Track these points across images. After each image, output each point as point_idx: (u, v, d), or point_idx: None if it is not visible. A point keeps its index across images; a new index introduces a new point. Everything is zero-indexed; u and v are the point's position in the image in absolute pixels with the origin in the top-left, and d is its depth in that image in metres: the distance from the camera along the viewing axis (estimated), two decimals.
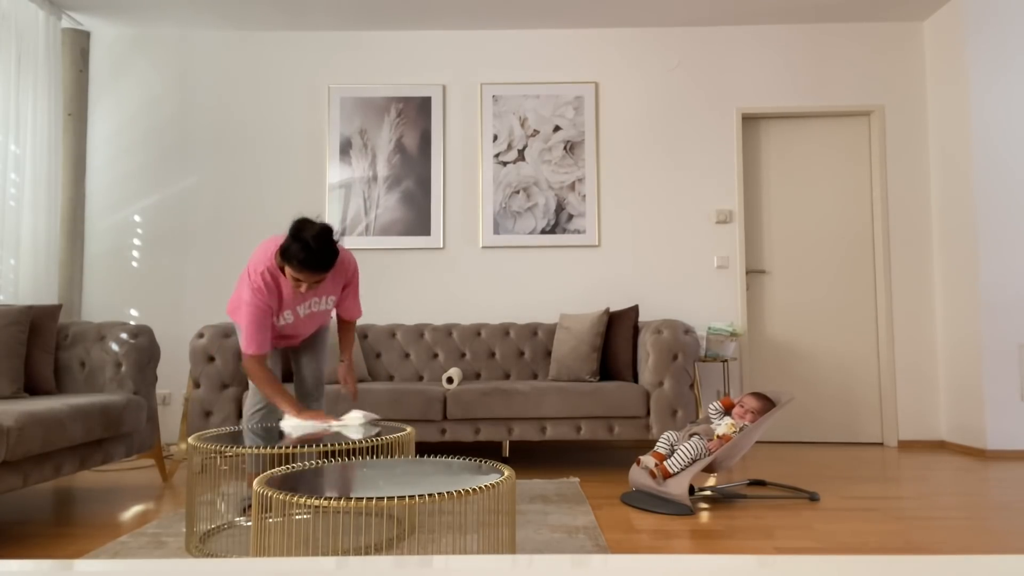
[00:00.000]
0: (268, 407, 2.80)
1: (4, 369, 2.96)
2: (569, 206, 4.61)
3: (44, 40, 4.22)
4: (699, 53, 4.69)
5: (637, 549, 2.30)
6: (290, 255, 2.48)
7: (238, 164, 4.65)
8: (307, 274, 2.52)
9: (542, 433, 3.57)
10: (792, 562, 0.63)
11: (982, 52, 4.19)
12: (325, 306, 2.80)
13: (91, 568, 0.63)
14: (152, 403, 3.35)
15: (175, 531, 2.55)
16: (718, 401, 3.16)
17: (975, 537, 2.43)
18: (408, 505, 1.51)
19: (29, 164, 4.11)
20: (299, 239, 2.48)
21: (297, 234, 2.48)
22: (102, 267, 4.59)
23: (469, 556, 0.65)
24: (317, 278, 2.55)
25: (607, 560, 0.65)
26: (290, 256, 2.48)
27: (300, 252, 2.47)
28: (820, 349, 4.64)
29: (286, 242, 2.50)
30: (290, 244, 2.49)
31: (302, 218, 2.54)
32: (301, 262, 2.48)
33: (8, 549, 2.37)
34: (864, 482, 3.37)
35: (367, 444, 2.20)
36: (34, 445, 2.46)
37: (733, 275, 4.58)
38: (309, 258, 2.48)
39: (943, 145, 4.47)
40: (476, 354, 4.23)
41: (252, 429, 2.52)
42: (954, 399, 4.37)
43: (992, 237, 4.13)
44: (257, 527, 1.68)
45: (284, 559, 0.65)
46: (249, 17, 4.51)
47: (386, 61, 4.70)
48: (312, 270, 2.51)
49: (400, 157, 4.63)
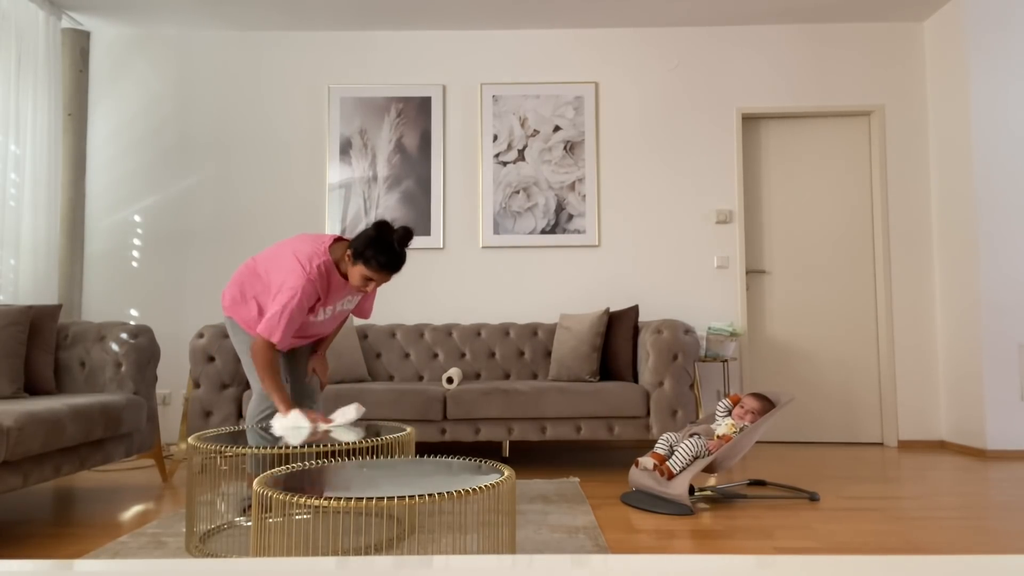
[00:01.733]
0: (274, 411, 2.77)
1: (4, 369, 2.96)
2: (569, 206, 4.61)
3: (44, 40, 4.22)
4: (699, 53, 4.70)
5: (637, 549, 2.30)
6: (370, 256, 2.54)
7: (238, 164, 4.65)
8: (385, 275, 2.59)
9: (542, 433, 3.57)
10: (792, 562, 0.63)
11: (982, 52, 4.19)
12: (351, 305, 2.83)
13: (91, 568, 0.63)
14: (152, 403, 3.35)
15: (175, 531, 2.54)
16: (727, 399, 3.15)
17: (975, 537, 2.43)
18: (408, 505, 1.51)
19: (29, 164, 4.11)
20: (384, 242, 2.55)
21: (381, 237, 2.55)
22: (102, 267, 4.59)
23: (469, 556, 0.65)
24: (388, 279, 2.63)
25: (607, 560, 0.65)
26: (370, 257, 2.54)
27: (382, 255, 2.54)
28: (820, 349, 4.64)
29: (364, 243, 2.55)
30: (371, 246, 2.54)
31: (383, 221, 2.60)
32: (383, 264, 2.56)
33: (8, 549, 2.37)
34: (864, 482, 3.37)
35: (367, 444, 2.20)
36: (34, 445, 2.46)
37: (733, 275, 4.58)
38: (392, 260, 2.56)
39: (943, 145, 4.47)
40: (476, 354, 4.23)
41: (255, 430, 2.52)
42: (954, 399, 4.37)
43: (992, 237, 4.13)
44: (257, 527, 1.68)
45: (284, 559, 0.65)
46: (249, 17, 4.51)
47: (386, 61, 4.70)
48: (392, 271, 2.59)
49: (400, 157, 4.63)
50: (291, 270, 2.58)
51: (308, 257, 2.59)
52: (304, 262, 2.58)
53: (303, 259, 2.59)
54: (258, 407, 2.78)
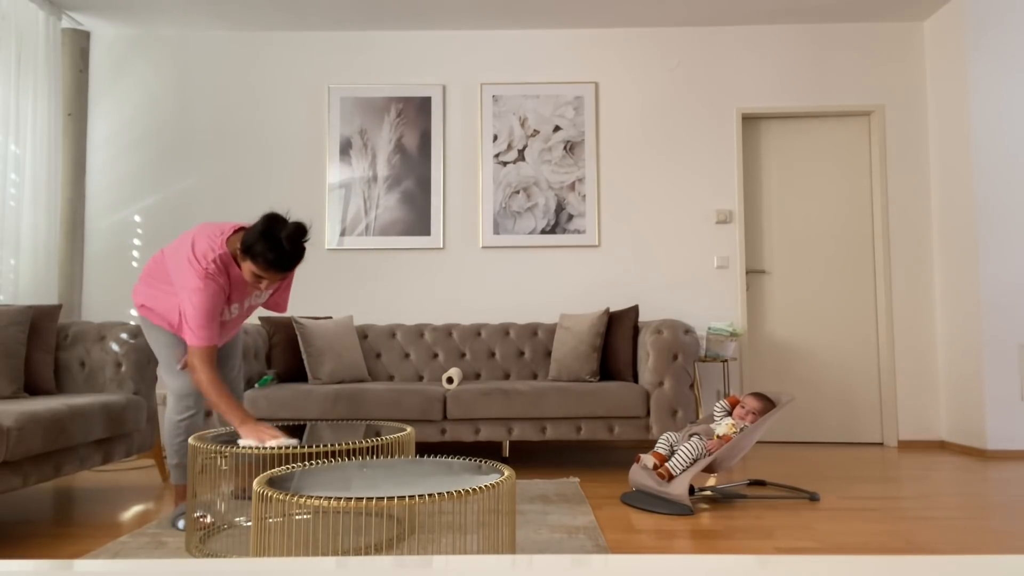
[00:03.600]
0: (197, 413, 2.60)
1: (4, 369, 2.96)
2: (569, 206, 4.61)
3: (44, 40, 4.22)
4: (699, 53, 4.69)
5: (637, 549, 2.30)
6: (257, 252, 2.36)
7: (238, 164, 4.65)
8: (273, 273, 2.41)
9: (542, 433, 3.57)
10: (792, 562, 0.63)
11: (982, 52, 4.19)
12: (262, 299, 2.68)
13: (91, 568, 0.63)
14: (152, 403, 3.35)
15: (175, 531, 2.54)
16: (725, 400, 3.15)
17: (975, 537, 2.43)
18: (408, 505, 1.51)
19: (29, 164, 4.11)
20: (271, 237, 2.36)
21: (269, 232, 2.37)
22: (102, 267, 4.59)
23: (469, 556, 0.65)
24: (282, 277, 2.46)
25: (607, 560, 0.65)
26: (257, 253, 2.36)
27: (271, 252, 2.36)
28: (820, 349, 4.64)
29: (253, 237, 2.37)
30: (259, 241, 2.36)
31: (273, 214, 2.42)
32: (270, 262, 2.37)
33: (8, 549, 2.37)
34: (864, 482, 3.37)
35: (367, 444, 2.20)
36: (34, 445, 2.46)
37: (733, 275, 4.58)
38: (279, 258, 2.37)
39: (943, 145, 4.47)
40: (476, 354, 4.23)
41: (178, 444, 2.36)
42: (954, 399, 4.37)
43: (992, 237, 4.13)
44: (257, 527, 1.68)
45: (284, 559, 0.65)
46: (249, 17, 4.51)
47: (386, 61, 4.70)
48: (281, 270, 2.41)
49: (400, 157, 4.63)
50: (187, 268, 2.43)
51: (203, 253, 2.43)
52: (199, 258, 2.42)
53: (199, 255, 2.43)
54: (177, 409, 2.59)
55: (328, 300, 4.58)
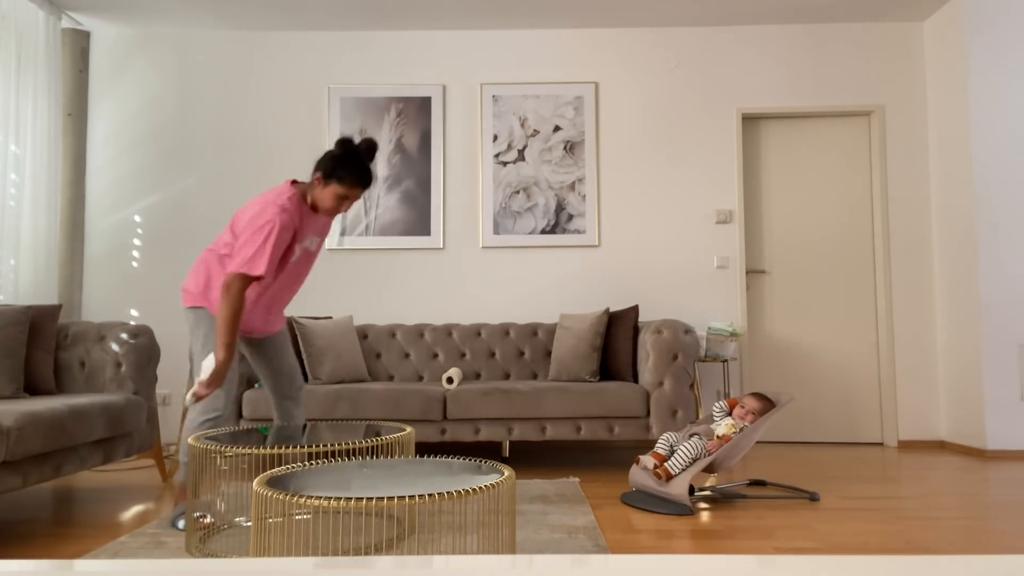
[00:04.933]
0: (221, 416, 2.61)
1: (4, 369, 2.96)
2: (569, 206, 4.61)
3: (44, 40, 4.22)
4: (699, 53, 4.69)
5: (637, 549, 2.30)
6: (344, 173, 2.50)
7: (238, 164, 4.65)
8: (359, 190, 2.55)
9: (542, 433, 3.57)
10: (792, 562, 0.63)
11: (982, 52, 4.19)
12: (317, 247, 2.72)
13: (91, 568, 0.63)
14: (152, 403, 3.35)
15: (175, 531, 2.54)
16: (723, 401, 3.15)
17: (975, 537, 2.43)
18: (408, 505, 1.51)
19: (29, 164, 4.11)
20: (354, 155, 2.52)
21: (350, 152, 2.53)
22: (102, 267, 4.59)
23: (469, 556, 0.65)
24: (362, 194, 2.60)
25: (607, 560, 0.65)
26: (344, 174, 2.50)
27: (357, 169, 2.51)
28: (820, 349, 4.64)
29: (333, 162, 2.51)
30: (343, 162, 2.51)
31: (346, 137, 2.57)
32: (357, 179, 2.52)
33: (8, 549, 2.37)
34: (864, 482, 3.37)
35: (367, 444, 2.20)
36: (34, 445, 2.46)
37: (733, 275, 4.58)
38: (365, 174, 2.54)
39: (943, 145, 4.47)
40: (476, 354, 4.23)
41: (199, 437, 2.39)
42: (954, 399, 4.37)
43: (992, 237, 4.13)
44: (257, 527, 1.68)
45: (284, 559, 0.65)
46: (249, 17, 4.51)
47: (386, 61, 4.70)
48: (365, 185, 2.56)
49: (400, 157, 4.63)
50: (260, 212, 2.46)
51: (276, 198, 2.50)
52: (273, 198, 2.49)
53: (272, 200, 2.49)
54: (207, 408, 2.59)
55: (328, 300, 4.58)
